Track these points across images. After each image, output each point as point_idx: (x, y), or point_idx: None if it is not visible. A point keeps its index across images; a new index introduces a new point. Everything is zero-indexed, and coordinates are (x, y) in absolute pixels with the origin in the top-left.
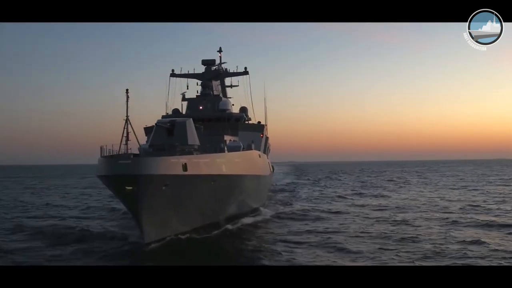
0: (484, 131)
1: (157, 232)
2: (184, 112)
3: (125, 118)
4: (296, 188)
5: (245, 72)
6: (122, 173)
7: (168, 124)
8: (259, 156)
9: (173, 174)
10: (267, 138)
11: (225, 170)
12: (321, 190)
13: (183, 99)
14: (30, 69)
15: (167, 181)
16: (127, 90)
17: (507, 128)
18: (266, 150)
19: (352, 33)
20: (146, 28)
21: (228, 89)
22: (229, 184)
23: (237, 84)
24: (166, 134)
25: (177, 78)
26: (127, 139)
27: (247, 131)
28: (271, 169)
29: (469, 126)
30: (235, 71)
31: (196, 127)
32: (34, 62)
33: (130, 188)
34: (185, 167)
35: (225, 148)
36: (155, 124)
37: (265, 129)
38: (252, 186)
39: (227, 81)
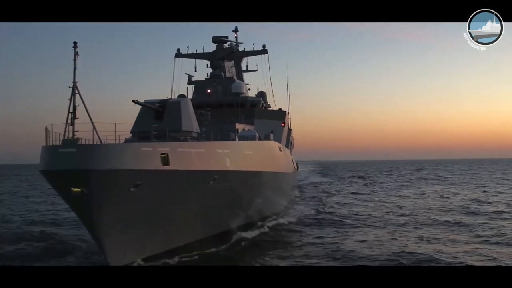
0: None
1: (126, 253)
2: (190, 97)
3: (71, 85)
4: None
5: (264, 51)
6: (63, 168)
7: (157, 105)
8: (279, 149)
9: (146, 169)
10: (290, 130)
11: (230, 164)
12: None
13: (189, 82)
14: (49, 67)
15: (138, 179)
16: (74, 42)
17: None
18: (289, 144)
19: (377, 32)
20: (157, 26)
21: (245, 75)
22: (236, 184)
23: (256, 69)
24: (154, 118)
25: (184, 59)
26: (74, 117)
27: (265, 119)
28: (295, 166)
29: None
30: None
31: (202, 114)
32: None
33: (78, 190)
34: (165, 160)
35: (236, 138)
36: (136, 102)
37: (287, 117)
38: (269, 187)
39: (244, 66)
